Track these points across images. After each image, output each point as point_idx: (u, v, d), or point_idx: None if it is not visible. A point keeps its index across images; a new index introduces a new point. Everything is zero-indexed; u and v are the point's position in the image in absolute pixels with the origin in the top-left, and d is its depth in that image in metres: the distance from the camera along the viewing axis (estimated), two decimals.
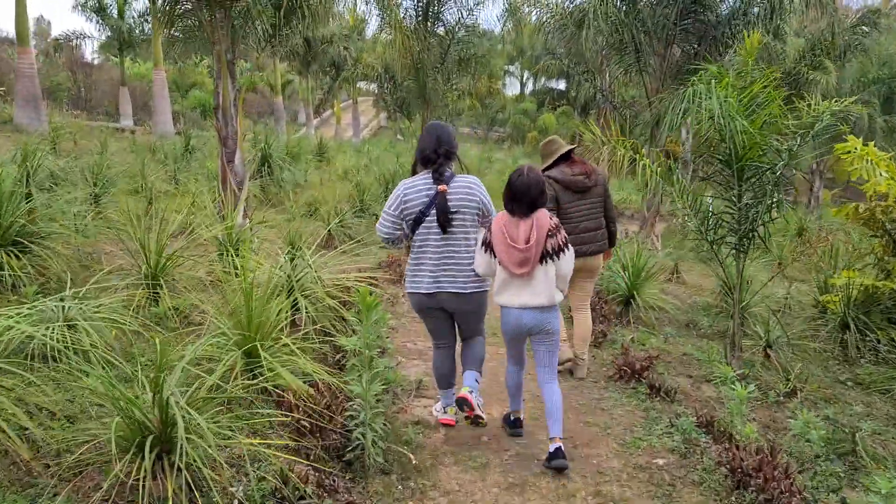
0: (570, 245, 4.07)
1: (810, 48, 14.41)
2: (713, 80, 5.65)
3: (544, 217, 3.99)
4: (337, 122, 43.30)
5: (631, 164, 6.23)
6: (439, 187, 4.06)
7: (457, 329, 4.45)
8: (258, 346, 3.92)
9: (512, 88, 57.44)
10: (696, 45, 11.48)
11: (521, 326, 4.08)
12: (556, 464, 4.00)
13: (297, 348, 4.22)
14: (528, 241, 3.90)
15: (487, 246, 4.05)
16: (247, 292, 3.86)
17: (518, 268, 3.93)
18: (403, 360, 5.68)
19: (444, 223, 4.07)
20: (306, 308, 4.99)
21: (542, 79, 51.45)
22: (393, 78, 18.75)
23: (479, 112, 47.38)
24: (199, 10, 7.38)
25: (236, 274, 5.83)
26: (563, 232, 4.05)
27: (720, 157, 5.86)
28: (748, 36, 6.21)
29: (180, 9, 7.40)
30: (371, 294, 3.74)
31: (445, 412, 4.58)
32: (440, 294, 4.16)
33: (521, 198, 3.96)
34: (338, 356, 5.09)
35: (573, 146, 5.60)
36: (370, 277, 7.37)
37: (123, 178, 11.97)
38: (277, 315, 4.19)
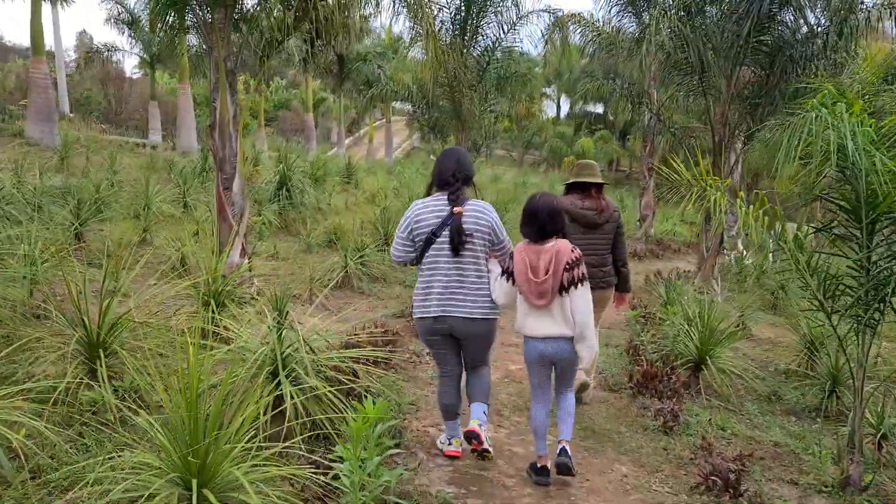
0: (586, 280, 4.06)
1: None
2: (839, 105, 4.32)
3: (565, 248, 4.02)
4: (370, 141, 42.45)
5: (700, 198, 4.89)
6: (455, 209, 4.07)
7: (463, 357, 4.37)
8: (206, 472, 2.64)
9: (548, 112, 56.23)
10: (768, 67, 10.08)
11: (544, 356, 4.12)
12: (559, 461, 4.08)
13: (275, 464, 2.98)
14: (546, 273, 3.95)
15: (509, 275, 4.11)
16: (190, 402, 2.58)
17: (538, 299, 4.00)
18: (424, 459, 4.37)
19: (458, 244, 4.06)
20: (294, 395, 3.71)
21: (580, 102, 50.34)
22: (426, 97, 17.64)
23: (515, 135, 46.21)
24: (194, 7, 6.24)
25: (216, 333, 4.60)
26: (582, 266, 4.06)
27: (841, 203, 4.51)
28: (854, 50, 4.85)
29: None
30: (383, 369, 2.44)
31: (451, 444, 4.43)
32: (449, 318, 4.13)
33: (530, 221, 4.06)
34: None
35: (598, 182, 5.39)
36: (385, 335, 6.09)
37: (127, 199, 10.87)
38: (243, 425, 2.91)
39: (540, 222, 4.04)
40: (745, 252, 14.17)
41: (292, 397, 3.68)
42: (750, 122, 10.31)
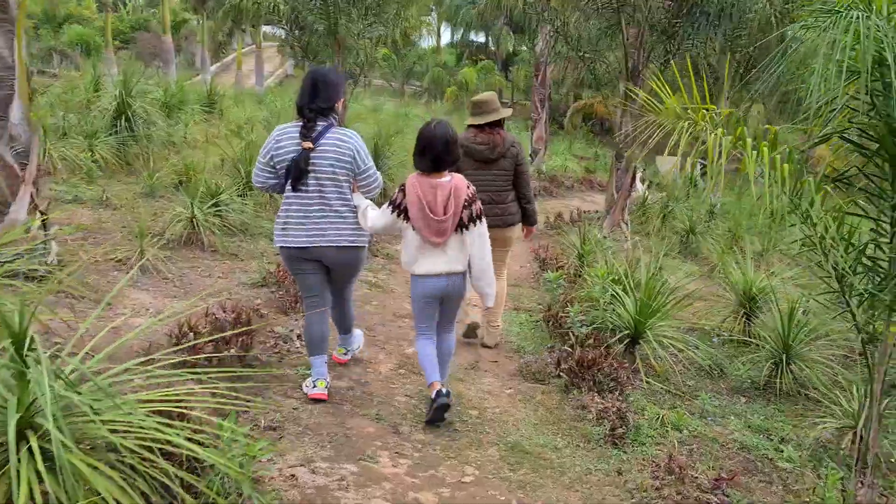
0: (482, 217, 4.00)
1: None
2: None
3: (462, 185, 3.93)
4: (238, 68, 39.09)
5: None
6: (304, 144, 3.90)
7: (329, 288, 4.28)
8: None
9: (428, 41, 54.17)
10: None
11: (435, 292, 4.00)
12: (439, 403, 3.93)
13: None
14: (446, 212, 3.84)
15: (396, 208, 3.93)
16: None
17: (436, 237, 3.88)
18: None
19: (297, 180, 3.92)
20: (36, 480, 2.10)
21: (462, 30, 48.71)
22: (298, 19, 15.49)
23: (395, 63, 44.01)
24: None
25: None
26: (478, 203, 4.00)
27: (864, 146, 3.27)
28: None
29: None
30: None
31: (315, 386, 4.16)
32: (314, 248, 4.00)
33: (425, 151, 3.87)
34: None
35: (496, 118, 5.24)
36: (237, 320, 4.48)
37: None
38: None
39: (435, 152, 3.85)
40: (646, 192, 13.25)
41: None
42: (669, 45, 9.11)
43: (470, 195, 3.93)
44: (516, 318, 6.38)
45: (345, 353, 4.69)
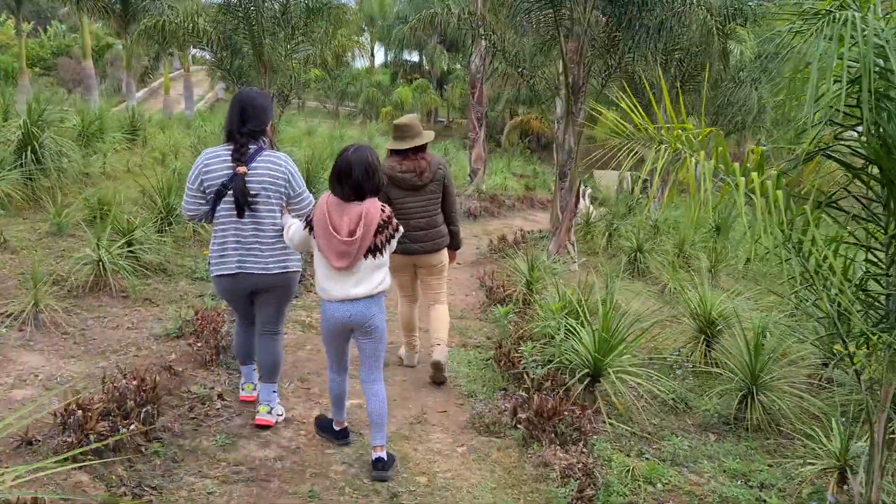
0: (394, 238, 3.71)
1: None
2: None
3: (374, 209, 3.59)
4: (166, 92, 37.83)
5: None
6: (238, 168, 3.79)
7: (256, 317, 4.13)
8: None
9: (363, 60, 53.68)
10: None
11: (343, 320, 3.66)
12: (377, 475, 3.66)
13: None
14: (352, 234, 3.53)
15: (309, 224, 3.67)
16: None
17: (337, 260, 3.55)
18: None
19: (243, 205, 3.80)
20: None
21: (396, 49, 48.38)
22: (226, 42, 14.78)
23: (329, 84, 43.34)
24: None
25: None
26: (394, 222, 3.70)
27: (856, 167, 2.88)
28: None
29: None
30: None
31: (243, 389, 4.36)
32: (247, 275, 3.90)
33: (342, 179, 3.55)
34: None
35: (419, 142, 5.00)
36: (140, 388, 3.85)
37: None
38: None
39: (354, 181, 3.54)
40: (590, 209, 12.94)
41: None
42: (609, 59, 8.78)
43: (384, 218, 3.62)
44: (465, 357, 5.86)
45: (269, 412, 4.15)
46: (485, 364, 5.66)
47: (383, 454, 3.71)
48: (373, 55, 53.47)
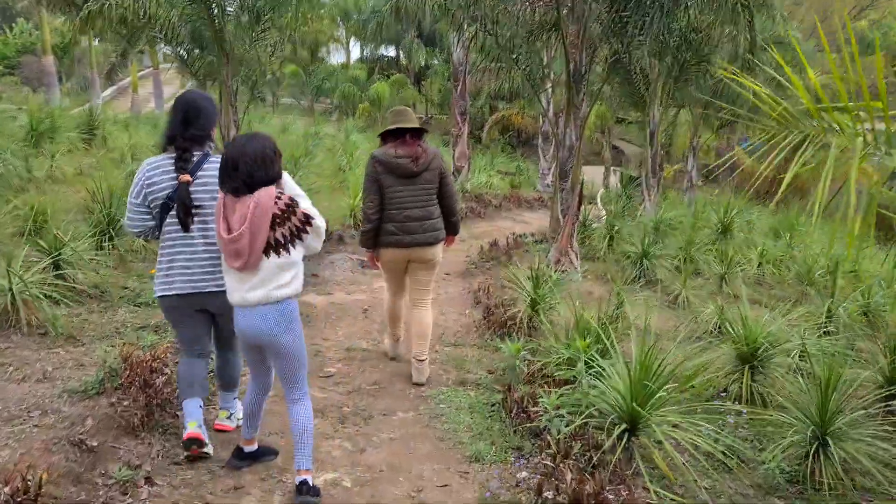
0: (314, 219, 3.23)
1: None
2: None
3: (267, 198, 3.12)
4: (134, 90, 36.41)
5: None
6: (181, 178, 3.47)
7: (214, 335, 3.83)
8: None
9: (338, 57, 52.43)
10: None
11: (249, 329, 3.27)
12: (301, 501, 3.28)
13: None
14: (238, 229, 3.10)
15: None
16: None
17: (232, 259, 3.18)
18: None
19: (186, 219, 3.45)
20: None
21: (372, 44, 47.23)
22: (196, 38, 13.57)
23: (304, 80, 42.09)
24: None
25: None
26: (298, 212, 3.19)
27: None
28: None
29: None
30: None
31: (187, 427, 3.55)
32: (199, 295, 3.56)
33: (232, 175, 3.15)
34: None
35: (414, 127, 4.90)
36: (34, 478, 2.75)
37: None
38: None
39: (244, 174, 3.13)
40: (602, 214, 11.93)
41: None
42: (617, 43, 7.74)
43: (282, 208, 3.16)
44: (465, 400, 4.79)
45: (228, 417, 4.01)
46: (490, 412, 4.59)
47: (308, 477, 3.31)
48: (348, 50, 52.29)
